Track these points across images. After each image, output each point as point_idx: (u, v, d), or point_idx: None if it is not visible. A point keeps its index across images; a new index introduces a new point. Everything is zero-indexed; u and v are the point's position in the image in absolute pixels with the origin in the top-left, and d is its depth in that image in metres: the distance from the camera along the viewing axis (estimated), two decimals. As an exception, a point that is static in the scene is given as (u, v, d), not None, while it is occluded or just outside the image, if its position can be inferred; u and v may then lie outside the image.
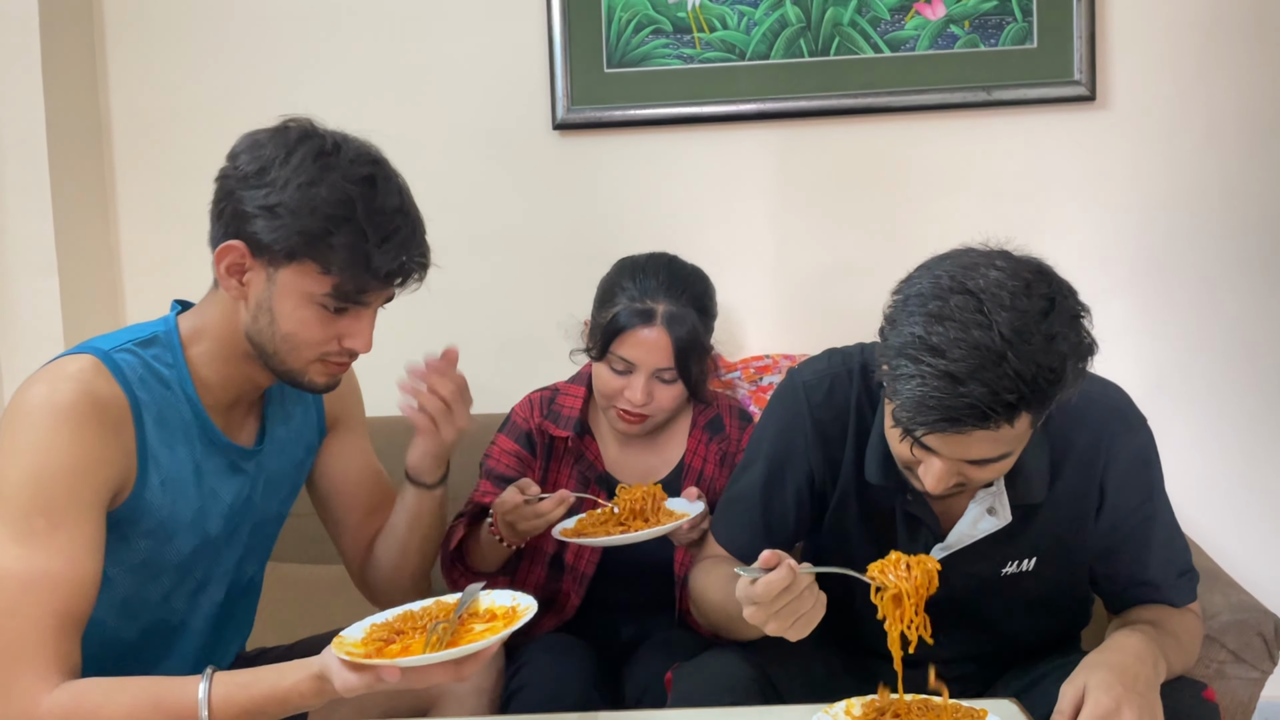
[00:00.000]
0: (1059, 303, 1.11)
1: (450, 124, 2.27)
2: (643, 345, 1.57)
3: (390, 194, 1.21)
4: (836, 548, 1.40)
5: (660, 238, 2.25)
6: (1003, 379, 1.06)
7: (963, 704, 1.20)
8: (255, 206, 1.18)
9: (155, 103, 2.30)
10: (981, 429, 1.08)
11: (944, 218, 2.22)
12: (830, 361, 1.38)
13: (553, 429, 1.67)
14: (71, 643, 1.13)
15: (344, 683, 1.07)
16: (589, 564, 1.66)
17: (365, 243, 1.18)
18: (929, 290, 1.11)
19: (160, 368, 1.24)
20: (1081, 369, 1.12)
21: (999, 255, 1.15)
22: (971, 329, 1.07)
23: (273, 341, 1.23)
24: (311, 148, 1.20)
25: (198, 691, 1.11)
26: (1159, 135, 2.17)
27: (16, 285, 2.15)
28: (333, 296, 1.20)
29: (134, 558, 1.23)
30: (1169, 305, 2.20)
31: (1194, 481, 2.11)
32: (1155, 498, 1.32)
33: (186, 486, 1.25)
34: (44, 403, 1.15)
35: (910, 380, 1.08)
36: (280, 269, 1.20)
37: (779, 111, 2.21)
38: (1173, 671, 1.23)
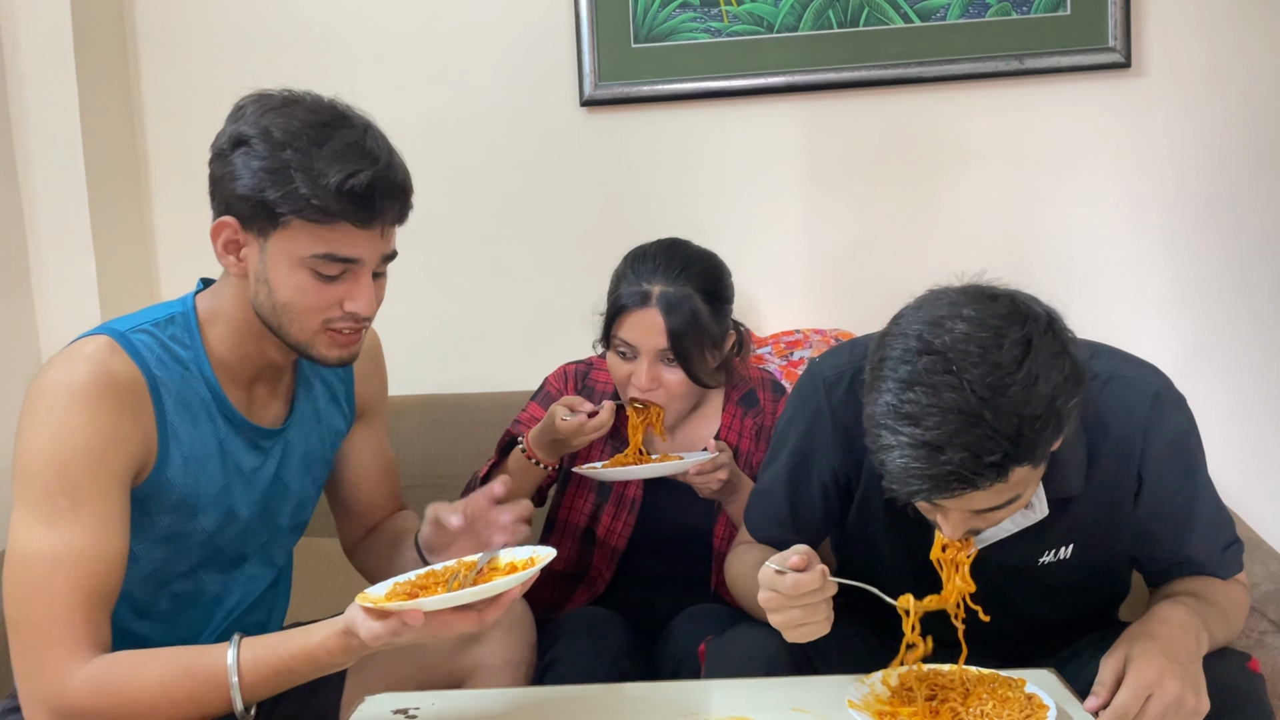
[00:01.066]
0: (1035, 343, 1.04)
1: (477, 103, 2.27)
2: (638, 327, 1.56)
3: (346, 136, 1.21)
4: (863, 541, 1.39)
5: (689, 213, 2.26)
6: (983, 440, 1.01)
7: (1000, 673, 1.20)
8: (226, 171, 1.21)
9: (186, 88, 2.31)
10: (973, 491, 1.06)
11: (976, 190, 2.20)
12: (852, 355, 1.35)
13: None
14: (101, 618, 1.15)
15: (369, 631, 1.07)
16: (621, 537, 1.66)
17: (319, 174, 1.17)
18: (898, 354, 1.06)
19: (177, 348, 1.25)
20: (1074, 405, 1.07)
21: (967, 301, 1.08)
22: (943, 392, 1.02)
23: (274, 312, 1.23)
24: (269, 103, 1.22)
25: (226, 657, 1.13)
26: (1196, 102, 2.13)
27: (55, 270, 2.18)
28: (321, 257, 1.20)
29: (158, 532, 1.25)
30: (1206, 274, 2.17)
31: (1232, 451, 2.08)
32: (1196, 480, 1.29)
33: (210, 463, 1.26)
34: (61, 383, 1.16)
35: (891, 451, 1.05)
36: (269, 238, 1.20)
37: (808, 84, 2.19)
38: (1216, 643, 1.22)
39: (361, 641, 1.10)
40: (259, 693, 1.15)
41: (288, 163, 1.17)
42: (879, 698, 1.17)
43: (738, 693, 1.23)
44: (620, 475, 1.54)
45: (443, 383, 2.25)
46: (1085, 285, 2.20)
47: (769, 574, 1.13)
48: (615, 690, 1.29)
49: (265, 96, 1.25)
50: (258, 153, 1.19)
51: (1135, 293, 2.19)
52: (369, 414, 1.50)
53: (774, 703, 1.20)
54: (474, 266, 2.30)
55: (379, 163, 1.21)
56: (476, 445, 2.04)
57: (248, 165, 1.19)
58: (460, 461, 2.04)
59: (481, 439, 2.03)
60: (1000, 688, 1.17)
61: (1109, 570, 1.36)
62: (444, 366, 2.29)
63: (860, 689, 1.18)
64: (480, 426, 2.07)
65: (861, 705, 1.15)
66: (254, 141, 1.19)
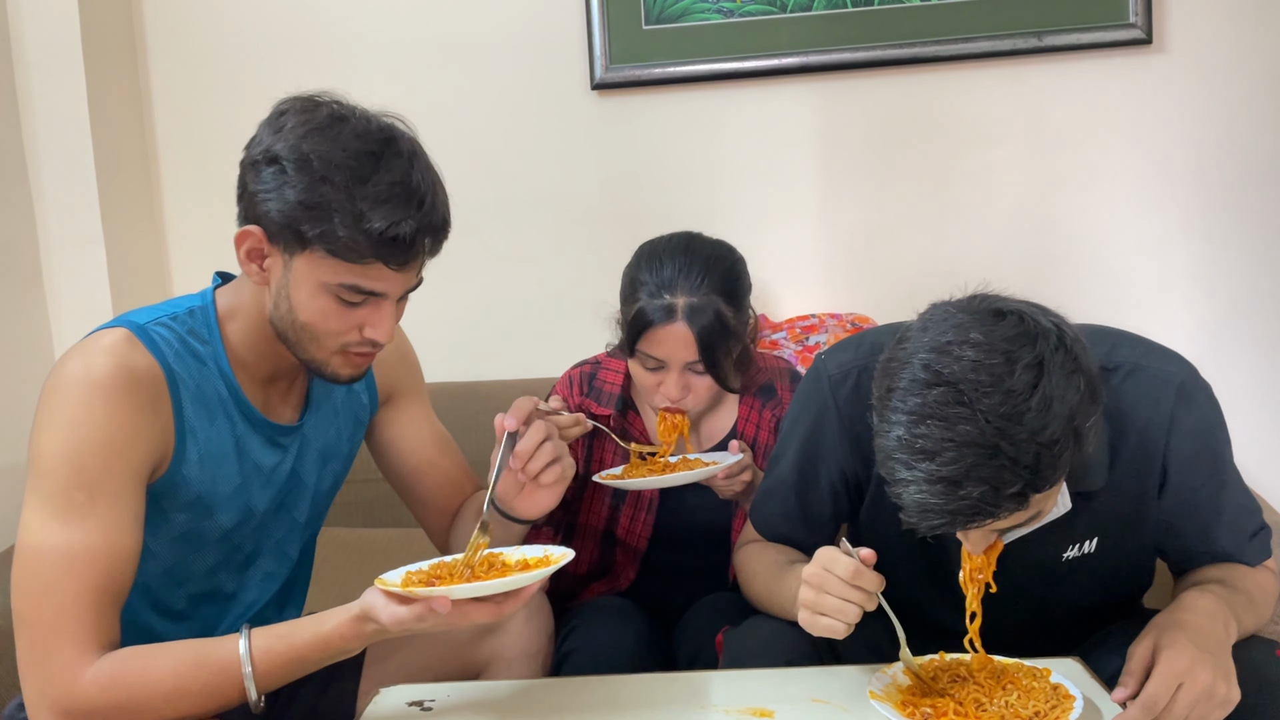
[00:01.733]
0: (1048, 362, 1.01)
1: (487, 87, 2.25)
2: (667, 342, 1.52)
3: (392, 168, 1.15)
4: (876, 538, 1.37)
5: (702, 197, 2.23)
6: (1001, 472, 0.99)
7: (1025, 662, 1.18)
8: (260, 188, 1.16)
9: (194, 74, 2.30)
10: (993, 521, 1.03)
11: (994, 170, 2.17)
12: (857, 352, 1.31)
13: (595, 407, 1.64)
14: (111, 617, 1.14)
15: (392, 616, 1.07)
16: (641, 538, 1.65)
17: (359, 215, 1.12)
18: (906, 384, 1.03)
19: (195, 343, 1.23)
20: (1092, 423, 1.04)
21: (973, 323, 1.03)
22: (957, 424, 0.99)
23: (293, 330, 1.20)
24: (313, 122, 1.16)
25: (238, 648, 1.12)
26: (1218, 79, 2.10)
27: (65, 256, 2.17)
28: (347, 287, 1.16)
29: (173, 530, 1.23)
30: (1228, 253, 2.14)
31: (1257, 432, 2.06)
32: (1222, 471, 1.26)
33: (227, 460, 1.25)
34: (78, 377, 1.14)
35: (907, 486, 1.02)
36: (295, 256, 1.16)
37: (822, 65, 2.16)
38: (1244, 631, 1.19)
39: (380, 626, 1.09)
40: (272, 682, 1.14)
41: (327, 200, 1.12)
42: (901, 688, 1.16)
43: (756, 683, 1.21)
44: (646, 484, 1.51)
45: (454, 370, 2.24)
46: (1106, 265, 2.17)
47: (830, 551, 1.11)
48: (632, 681, 1.28)
49: (310, 108, 1.18)
50: (294, 181, 1.13)
51: (1157, 273, 2.16)
52: (400, 396, 1.47)
53: (793, 694, 1.18)
54: (484, 252, 2.28)
55: (423, 205, 1.16)
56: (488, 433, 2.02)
57: (282, 190, 1.14)
58: (471, 450, 2.01)
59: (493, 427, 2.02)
60: (1025, 677, 1.15)
61: (1134, 562, 1.34)
62: (455, 353, 2.27)
63: (882, 679, 1.16)
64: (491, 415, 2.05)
65: (883, 696, 1.13)
66: (292, 168, 1.14)
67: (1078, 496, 1.20)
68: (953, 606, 1.35)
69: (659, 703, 1.20)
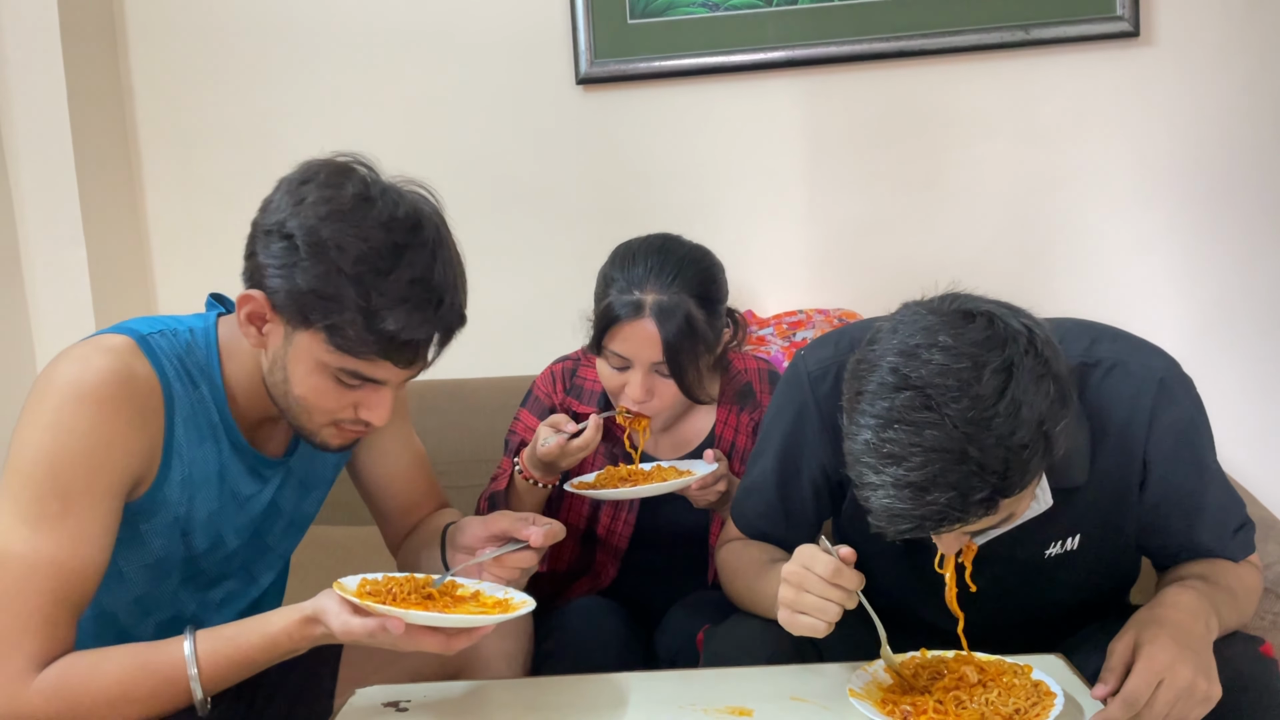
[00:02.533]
0: (1017, 366, 0.99)
1: (471, 81, 2.23)
2: (632, 339, 1.49)
3: (416, 264, 1.10)
4: (858, 535, 1.36)
5: (687, 193, 2.22)
6: (969, 477, 0.98)
7: (1006, 659, 1.17)
8: (269, 259, 1.11)
9: (176, 69, 2.28)
10: (962, 525, 1.03)
11: (981, 164, 2.16)
12: (837, 348, 1.30)
13: (576, 405, 1.63)
14: (67, 629, 1.11)
15: (343, 625, 1.07)
16: (622, 537, 1.63)
17: (372, 314, 1.08)
18: (875, 389, 1.02)
19: (193, 366, 1.20)
20: (1062, 428, 1.02)
21: (942, 325, 1.02)
22: (924, 429, 0.98)
23: (286, 399, 1.17)
24: (336, 201, 1.10)
25: (184, 650, 1.10)
26: (1207, 72, 2.09)
27: (45, 256, 2.16)
28: (347, 371, 1.13)
29: (148, 556, 1.21)
30: (1216, 248, 2.13)
31: (1243, 428, 2.05)
32: (1203, 467, 1.25)
33: (208, 485, 1.22)
34: (72, 379, 1.11)
35: (875, 490, 1.02)
36: (297, 330, 1.13)
37: (808, 58, 2.15)
38: (1226, 627, 1.18)
39: (329, 631, 1.08)
40: (218, 683, 1.12)
41: (339, 294, 1.08)
42: (881, 686, 1.15)
43: (737, 682, 1.20)
44: (619, 495, 1.49)
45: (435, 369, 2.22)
46: (1093, 261, 2.16)
47: (810, 549, 1.11)
48: (612, 680, 1.26)
49: (335, 183, 1.12)
50: (307, 266, 1.08)
51: (1144, 268, 2.15)
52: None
53: (774, 692, 1.17)
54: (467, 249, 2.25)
55: (441, 305, 1.12)
56: (474, 431, 2.01)
57: (293, 271, 1.09)
58: (458, 448, 2.01)
59: (479, 425, 2.01)
60: (1006, 674, 1.14)
61: (1117, 558, 1.33)
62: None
63: (862, 677, 1.15)
64: (478, 412, 2.05)
65: (863, 694, 1.12)
66: (306, 250, 1.08)
67: (1059, 493, 1.19)
68: (936, 604, 1.34)
69: (639, 702, 1.19)
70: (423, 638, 1.07)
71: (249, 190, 2.26)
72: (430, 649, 1.08)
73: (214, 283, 2.31)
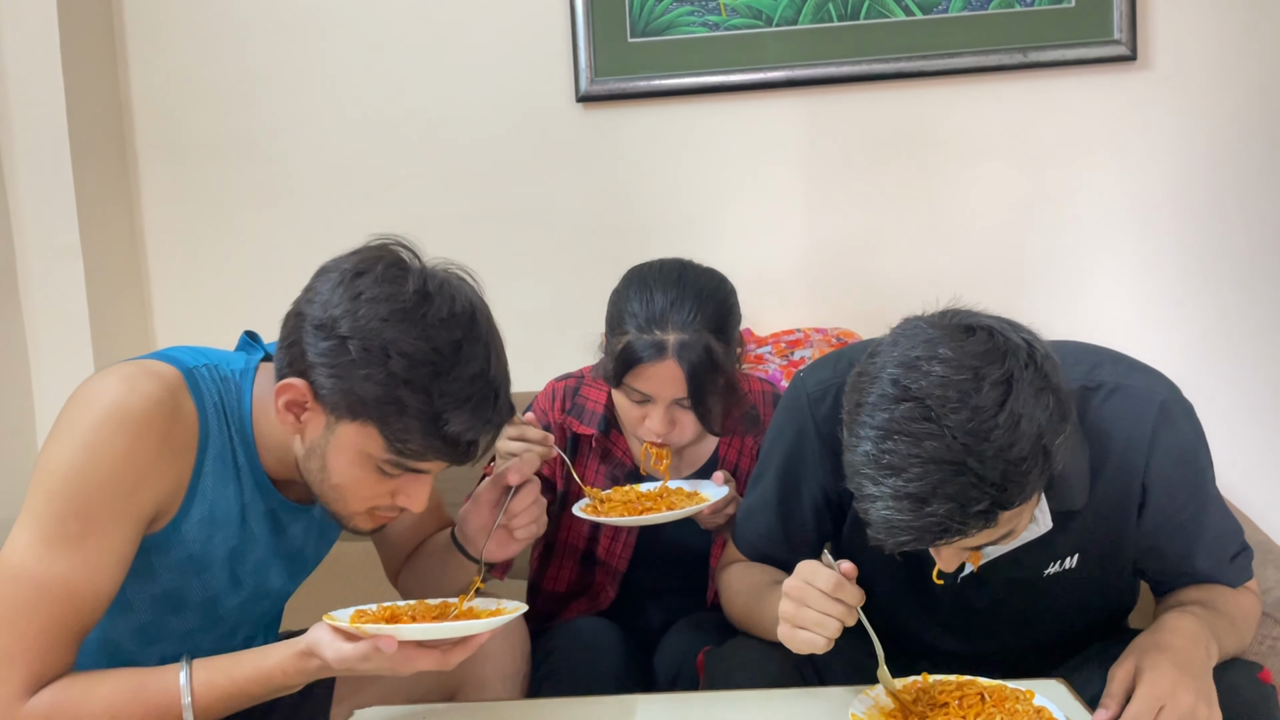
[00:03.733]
0: (1017, 379, 1.00)
1: (471, 99, 2.24)
2: (655, 379, 1.47)
3: (474, 359, 1.09)
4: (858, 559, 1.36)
5: (687, 211, 2.23)
6: (968, 489, 0.98)
7: (1008, 684, 1.17)
8: (319, 357, 1.08)
9: (174, 82, 2.28)
10: (961, 538, 1.03)
11: (979, 186, 2.17)
12: (836, 369, 1.30)
13: (577, 426, 1.62)
14: (69, 654, 1.10)
15: (337, 653, 1.06)
16: (622, 559, 1.62)
17: (435, 417, 1.06)
18: (874, 400, 1.02)
19: (229, 409, 1.18)
20: (1061, 442, 1.03)
21: (942, 338, 1.03)
22: (923, 440, 0.98)
23: (321, 486, 1.15)
24: (397, 301, 1.07)
25: (179, 679, 1.09)
26: (1203, 96, 2.10)
27: (42, 268, 2.15)
28: (393, 463, 1.11)
29: (156, 588, 1.19)
30: (1213, 270, 2.14)
31: (1241, 450, 2.06)
32: (1202, 493, 1.25)
33: (228, 525, 1.20)
34: (116, 402, 1.08)
35: (874, 502, 1.02)
36: (341, 421, 1.10)
37: (808, 79, 2.16)
38: (1226, 653, 1.19)
39: (324, 663, 1.07)
40: (211, 715, 1.11)
41: (402, 402, 1.05)
42: (883, 710, 1.14)
43: (737, 704, 1.20)
44: (628, 523, 1.48)
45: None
46: (1090, 282, 2.16)
47: (811, 564, 1.10)
48: (611, 702, 1.26)
49: (394, 278, 1.09)
50: (367, 372, 1.06)
51: (1142, 289, 2.16)
52: None
53: (775, 715, 1.17)
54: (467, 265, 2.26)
55: (499, 399, 1.11)
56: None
57: (349, 373, 1.06)
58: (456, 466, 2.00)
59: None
60: (1009, 700, 1.14)
61: (1116, 581, 1.33)
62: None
63: (864, 701, 1.15)
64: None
65: (865, 718, 1.12)
66: (365, 356, 1.06)
67: (1059, 515, 1.19)
68: (937, 626, 1.34)
69: (638, 725, 1.18)
70: (418, 658, 1.06)
71: (246, 202, 2.30)
72: (429, 666, 1.07)
73: (210, 295, 2.32)
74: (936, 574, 1.19)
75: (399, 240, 1.14)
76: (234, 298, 2.31)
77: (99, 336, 2.18)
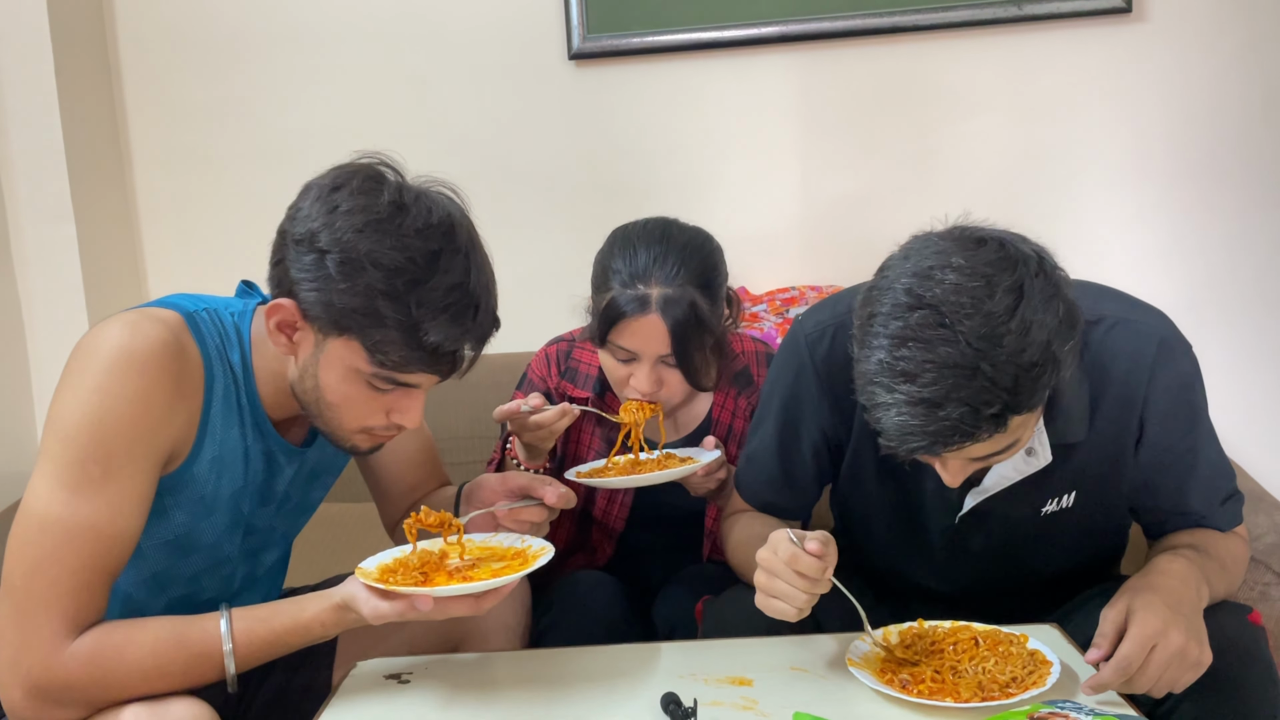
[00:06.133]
0: (1028, 287, 1.02)
1: (462, 57, 2.22)
2: (639, 334, 1.47)
3: (453, 270, 1.09)
4: (856, 497, 1.37)
5: (680, 169, 2.22)
6: (981, 393, 1.00)
7: (1002, 629, 1.18)
8: (302, 272, 1.09)
9: (165, 42, 2.26)
10: (972, 443, 1.04)
11: (974, 140, 2.16)
12: (834, 310, 1.32)
13: (571, 389, 1.62)
14: (101, 596, 1.11)
15: (374, 610, 1.09)
16: (619, 519, 1.63)
17: (414, 327, 1.07)
18: (888, 309, 1.03)
19: (231, 350, 1.19)
20: (1070, 348, 1.05)
21: (955, 249, 1.05)
22: (937, 346, 1.00)
23: (316, 406, 1.16)
24: (372, 211, 1.08)
25: (219, 627, 1.11)
26: (1198, 47, 2.09)
27: (34, 232, 2.14)
28: (381, 378, 1.12)
29: (169, 533, 1.20)
30: (1207, 222, 2.14)
31: (1233, 403, 2.06)
32: (1198, 429, 1.27)
33: (234, 467, 1.21)
34: (123, 346, 1.09)
35: (888, 410, 1.03)
36: (329, 338, 1.11)
37: (802, 34, 2.14)
38: (1216, 596, 1.20)
39: (360, 617, 1.10)
40: (249, 662, 1.14)
41: (380, 311, 1.07)
42: (879, 656, 1.16)
43: (736, 653, 1.21)
44: (620, 484, 1.48)
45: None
46: (1084, 236, 2.17)
47: (781, 536, 1.12)
48: (612, 651, 1.28)
49: (370, 189, 1.10)
50: (344, 284, 1.07)
51: (1134, 243, 2.16)
52: None
53: (773, 662, 1.18)
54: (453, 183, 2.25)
55: (478, 311, 1.11)
56: (465, 409, 2.01)
57: (328, 286, 1.08)
58: (451, 424, 2.01)
59: (470, 402, 2.00)
60: (1003, 644, 1.15)
61: (1110, 521, 1.35)
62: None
63: (860, 647, 1.17)
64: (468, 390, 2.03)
65: (862, 663, 1.14)
66: (342, 268, 1.07)
67: (1059, 449, 1.21)
68: (930, 568, 1.36)
69: (639, 672, 1.20)
70: (452, 606, 1.10)
71: (238, 165, 2.29)
72: (463, 613, 1.11)
73: (204, 256, 2.32)
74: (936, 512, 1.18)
75: (381, 156, 1.15)
76: (228, 258, 2.29)
77: (93, 299, 2.18)
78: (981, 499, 1.25)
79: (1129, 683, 1.06)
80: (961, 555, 1.32)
